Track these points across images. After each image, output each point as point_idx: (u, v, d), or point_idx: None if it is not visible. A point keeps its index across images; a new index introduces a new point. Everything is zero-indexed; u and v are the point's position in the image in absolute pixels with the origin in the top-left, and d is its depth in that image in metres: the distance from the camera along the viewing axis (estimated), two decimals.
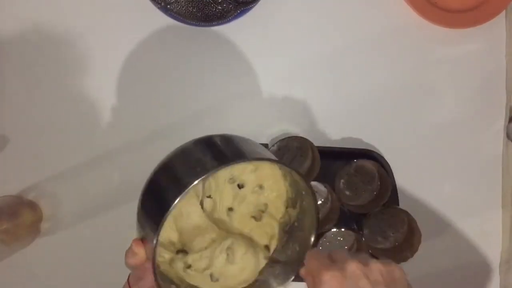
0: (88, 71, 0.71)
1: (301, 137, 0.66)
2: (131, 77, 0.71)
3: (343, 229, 0.65)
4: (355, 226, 0.68)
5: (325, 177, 0.67)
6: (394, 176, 0.68)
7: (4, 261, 0.66)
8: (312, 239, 0.52)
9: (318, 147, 0.66)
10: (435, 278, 0.71)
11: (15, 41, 0.71)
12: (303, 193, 0.52)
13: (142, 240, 0.48)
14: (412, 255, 0.64)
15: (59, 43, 0.71)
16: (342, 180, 0.68)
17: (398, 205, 0.68)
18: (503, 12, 0.71)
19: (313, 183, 0.66)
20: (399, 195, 0.69)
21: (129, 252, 0.48)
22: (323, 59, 0.72)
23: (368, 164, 0.66)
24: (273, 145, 0.65)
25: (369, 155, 0.68)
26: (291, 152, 0.67)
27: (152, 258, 0.44)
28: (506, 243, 0.71)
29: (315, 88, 0.72)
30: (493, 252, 0.71)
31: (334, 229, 0.65)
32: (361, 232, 0.65)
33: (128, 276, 0.53)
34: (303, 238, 0.53)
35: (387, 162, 0.68)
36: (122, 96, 0.71)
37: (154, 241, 0.43)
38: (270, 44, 0.72)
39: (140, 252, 0.47)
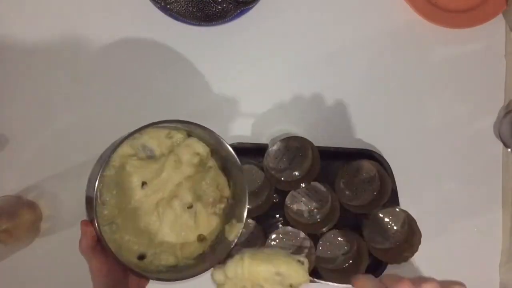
0: (87, 71, 0.71)
1: (301, 137, 0.66)
2: (131, 76, 0.71)
3: (343, 229, 0.65)
4: (355, 226, 0.68)
5: (325, 177, 0.67)
6: (394, 176, 0.68)
7: (4, 261, 0.66)
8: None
9: (318, 147, 0.66)
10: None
11: (16, 42, 0.71)
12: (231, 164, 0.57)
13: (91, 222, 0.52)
14: (412, 255, 0.63)
15: (59, 43, 0.71)
16: (342, 180, 0.67)
17: (398, 205, 0.68)
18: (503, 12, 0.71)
19: (314, 183, 0.66)
20: (399, 195, 0.69)
21: (80, 237, 0.52)
22: (323, 59, 0.72)
23: (368, 164, 0.66)
24: (273, 145, 0.65)
25: (369, 155, 0.68)
26: (291, 152, 0.67)
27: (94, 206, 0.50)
28: (506, 243, 0.71)
29: (315, 88, 0.72)
30: (493, 252, 0.71)
31: (334, 229, 0.65)
32: (361, 232, 0.65)
33: None
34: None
35: (387, 162, 0.68)
36: (122, 96, 0.71)
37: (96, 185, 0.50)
38: (270, 44, 0.72)
39: (88, 230, 0.51)
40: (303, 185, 0.65)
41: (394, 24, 0.72)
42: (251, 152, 0.69)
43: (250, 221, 0.65)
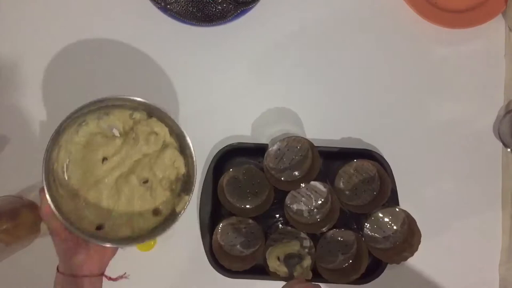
0: (87, 71, 0.71)
1: (301, 137, 0.66)
2: (130, 76, 0.71)
3: (343, 229, 0.65)
4: (355, 226, 0.69)
5: (325, 177, 0.67)
6: (394, 176, 0.68)
7: (4, 261, 0.66)
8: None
9: (318, 147, 0.66)
10: (435, 278, 0.71)
11: (15, 42, 0.71)
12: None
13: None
14: (411, 255, 0.64)
15: (58, 43, 0.71)
16: (342, 180, 0.68)
17: (398, 205, 0.68)
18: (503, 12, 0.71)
19: (313, 183, 0.66)
20: (399, 195, 0.69)
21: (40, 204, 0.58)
22: (322, 59, 0.72)
23: (368, 164, 0.66)
24: (273, 145, 0.65)
25: (369, 155, 0.68)
26: (291, 152, 0.67)
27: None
28: (505, 242, 0.71)
29: (315, 87, 0.72)
30: (493, 252, 0.71)
31: (334, 229, 0.65)
32: (361, 232, 0.65)
33: (57, 267, 0.57)
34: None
35: (387, 162, 0.68)
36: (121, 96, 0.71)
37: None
38: (270, 44, 0.72)
39: (44, 197, 0.57)
40: (303, 185, 0.65)
41: (394, 24, 0.72)
42: (251, 152, 0.69)
43: (250, 221, 0.65)
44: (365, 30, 0.72)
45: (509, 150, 0.70)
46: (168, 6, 0.68)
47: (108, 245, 0.58)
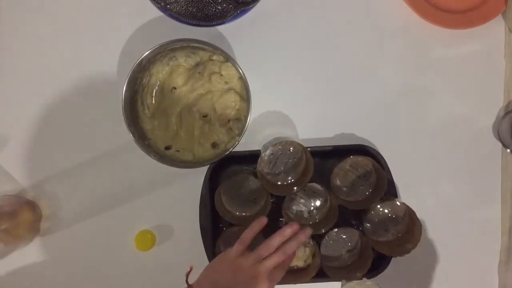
0: (87, 71, 0.71)
1: (293, 141, 0.65)
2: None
3: (344, 227, 0.65)
4: (355, 222, 0.68)
5: (322, 177, 0.67)
6: (392, 176, 0.68)
7: (4, 260, 0.66)
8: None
9: (312, 147, 0.66)
10: (435, 278, 0.71)
11: (16, 42, 0.71)
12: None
13: None
14: (414, 246, 0.63)
15: (58, 42, 0.71)
16: (338, 177, 0.67)
17: (396, 196, 0.68)
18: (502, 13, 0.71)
19: (310, 184, 0.66)
20: (398, 195, 0.69)
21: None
22: (323, 59, 0.72)
23: (363, 159, 0.66)
24: (265, 150, 0.65)
25: (364, 150, 0.68)
26: (284, 155, 0.67)
27: None
28: (505, 242, 0.71)
29: (310, 88, 0.72)
30: (492, 252, 0.71)
31: (336, 228, 0.65)
32: (361, 228, 0.65)
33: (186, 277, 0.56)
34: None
35: (382, 156, 0.68)
36: (121, 97, 0.71)
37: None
38: (269, 44, 0.72)
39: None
40: (296, 188, 0.65)
41: (394, 24, 0.72)
42: (245, 159, 0.68)
43: None
44: (365, 31, 0.72)
45: (508, 150, 0.70)
46: (168, 6, 0.68)
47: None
